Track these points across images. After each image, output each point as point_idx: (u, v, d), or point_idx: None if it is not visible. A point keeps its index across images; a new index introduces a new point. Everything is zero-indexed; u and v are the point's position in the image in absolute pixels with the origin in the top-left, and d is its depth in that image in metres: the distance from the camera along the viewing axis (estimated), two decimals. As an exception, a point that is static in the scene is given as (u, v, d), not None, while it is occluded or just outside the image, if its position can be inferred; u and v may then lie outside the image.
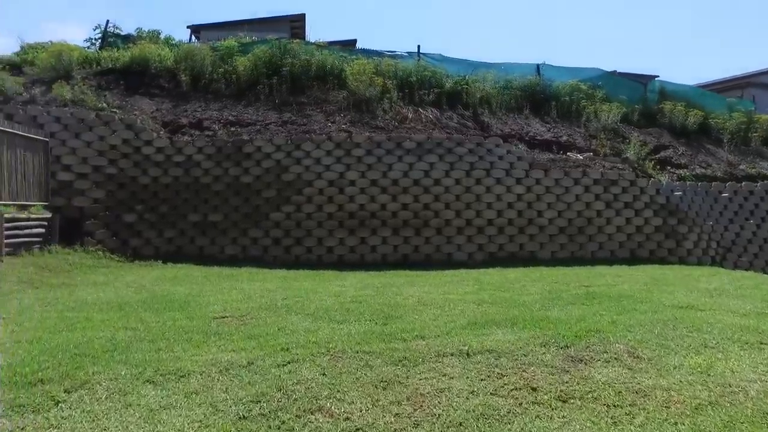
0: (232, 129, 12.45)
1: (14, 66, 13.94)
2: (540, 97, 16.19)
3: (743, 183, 14.48)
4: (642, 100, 18.02)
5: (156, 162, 11.40)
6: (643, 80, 20.21)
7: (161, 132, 11.96)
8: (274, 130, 12.51)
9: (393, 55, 16.66)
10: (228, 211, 11.36)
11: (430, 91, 14.97)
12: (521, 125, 15.16)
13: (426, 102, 14.83)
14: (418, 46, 16.87)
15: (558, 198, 12.17)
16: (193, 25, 21.10)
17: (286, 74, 14.20)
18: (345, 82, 14.67)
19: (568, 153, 14.01)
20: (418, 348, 4.47)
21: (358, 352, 4.37)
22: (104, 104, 12.00)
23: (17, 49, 15.52)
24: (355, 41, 21.43)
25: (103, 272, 8.77)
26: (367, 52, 16.64)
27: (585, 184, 12.32)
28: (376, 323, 5.47)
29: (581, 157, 13.75)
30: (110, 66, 13.96)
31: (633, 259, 12.13)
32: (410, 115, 13.88)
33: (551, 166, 12.50)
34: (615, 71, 20.13)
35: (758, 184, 14.58)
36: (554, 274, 9.62)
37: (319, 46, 15.85)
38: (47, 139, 10.12)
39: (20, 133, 9.24)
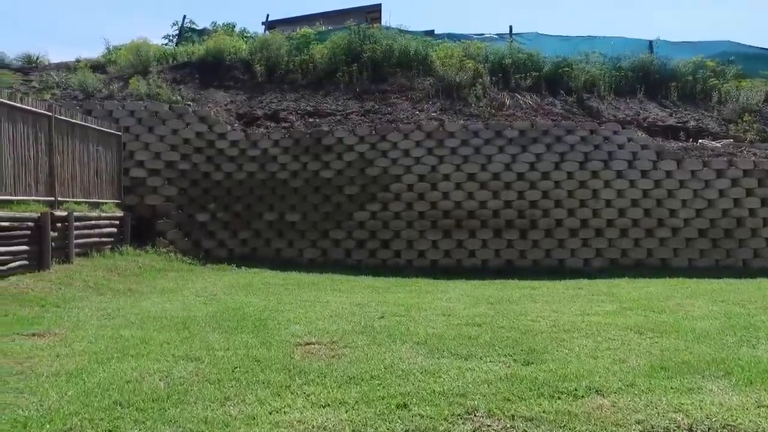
0: (310, 120, 11.36)
1: (98, 66, 13.74)
2: (655, 77, 13.86)
3: None
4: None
5: (230, 156, 10.48)
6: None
7: (235, 124, 11.06)
8: (356, 120, 11.27)
9: (481, 38, 15.02)
10: (306, 209, 10.22)
11: (527, 75, 13.18)
12: (636, 110, 12.99)
13: (522, 87, 13.07)
14: (510, 27, 15.14)
15: (696, 194, 10.00)
16: (267, 20, 20.51)
17: (367, 61, 12.97)
18: (431, 68, 13.24)
19: (699, 141, 11.71)
20: (604, 415, 2.89)
21: (513, 417, 2.87)
22: (178, 97, 11.31)
23: (104, 51, 15.40)
24: (432, 32, 19.98)
25: (173, 277, 7.83)
26: (453, 36, 15.11)
27: (732, 176, 10.04)
28: (515, 360, 3.95)
29: (718, 145, 11.40)
30: (186, 60, 13.38)
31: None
32: (507, 102, 12.18)
33: (685, 156, 10.34)
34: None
35: None
36: (709, 289, 7.61)
37: (401, 31, 14.50)
38: (120, 133, 9.45)
39: (92, 125, 8.57)
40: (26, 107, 7.03)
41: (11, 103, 6.75)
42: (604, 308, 6.13)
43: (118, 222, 8.74)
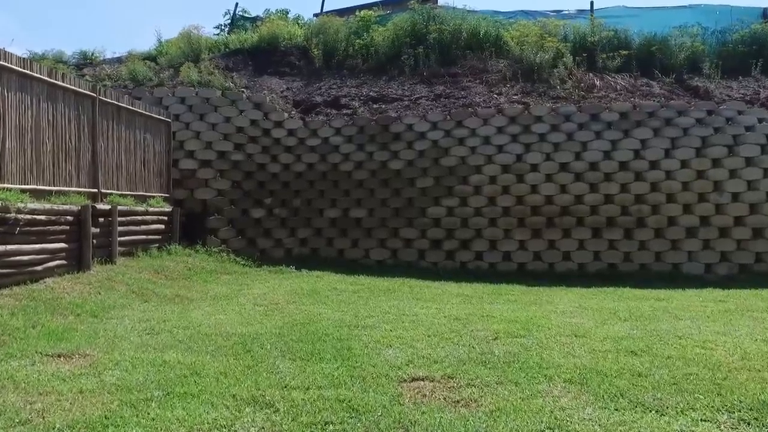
0: (375, 106, 10.18)
1: (150, 58, 13.09)
2: (773, 50, 11.84)
3: None
4: None
5: (287, 147, 9.45)
6: None
7: (293, 112, 10.03)
8: (426, 105, 10.01)
9: (559, 16, 13.45)
10: (373, 205, 9.04)
11: (615, 54, 11.53)
12: (753, 89, 11.04)
13: (610, 68, 11.42)
14: (591, 2, 13.47)
15: None
16: (322, 10, 19.59)
17: (433, 43, 11.69)
18: (504, 49, 11.82)
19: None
20: None
21: None
22: (231, 84, 10.39)
23: (156, 44, 14.83)
24: (498, 13, 18.47)
25: (226, 280, 6.80)
26: (525, 14, 13.61)
27: None
28: (744, 419, 2.57)
29: None
30: (238, 47, 12.52)
31: None
32: (597, 83, 10.60)
33: (832, 139, 8.49)
34: None
35: None
36: None
37: (468, 11, 13.15)
38: (169, 120, 8.57)
39: (140, 110, 7.70)
40: (68, 86, 6.17)
41: (51, 80, 5.89)
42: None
43: (166, 218, 7.83)
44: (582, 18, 13.16)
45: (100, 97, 6.64)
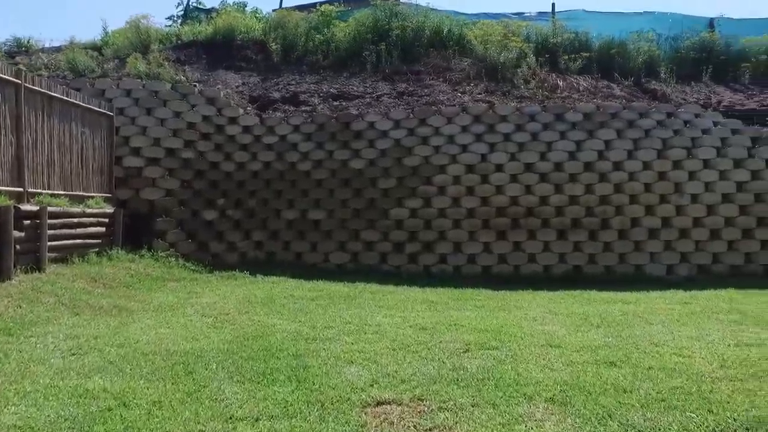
0: (335, 103, 9.78)
1: (94, 48, 12.22)
2: (721, 58, 12.19)
3: None
4: None
5: (242, 144, 8.92)
6: None
7: (248, 108, 9.51)
8: (389, 103, 9.69)
9: (520, 18, 13.45)
10: (333, 206, 8.63)
11: (576, 56, 11.58)
12: (706, 94, 11.34)
13: (572, 70, 11.46)
14: (552, 4, 13.51)
15: (801, 187, 8.33)
16: (280, 6, 18.99)
17: (396, 40, 11.41)
18: (468, 48, 11.67)
19: (788, 127, 10.04)
20: None
21: None
22: (182, 78, 9.77)
23: (101, 34, 13.88)
24: (460, 13, 18.39)
25: (173, 288, 6.24)
26: (488, 16, 13.54)
27: None
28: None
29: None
30: (192, 39, 11.85)
31: None
32: (561, 84, 10.57)
33: (784, 143, 8.67)
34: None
35: None
36: None
37: (432, 9, 12.94)
38: (112, 113, 7.89)
39: (76, 101, 7.02)
40: (-15, 71, 5.49)
41: (-33, 65, 5.21)
42: (759, 336, 4.50)
43: (107, 220, 7.18)
44: (543, 20, 13.21)
45: (27, 85, 5.95)
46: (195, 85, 9.42)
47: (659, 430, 2.45)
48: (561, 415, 2.56)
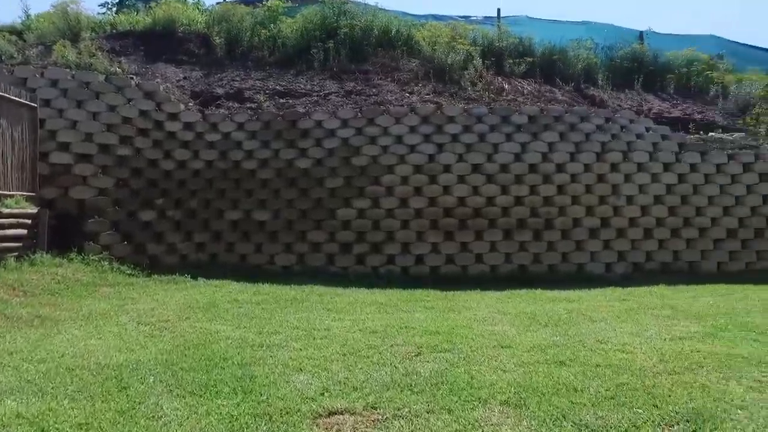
0: (281, 101, 9.53)
1: (14, 33, 11.29)
2: (650, 69, 12.92)
3: None
4: (772, 74, 14.64)
5: (183, 141, 8.51)
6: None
7: (190, 104, 9.09)
8: (336, 101, 9.54)
9: (467, 21, 13.64)
10: (279, 206, 8.39)
11: (521, 60, 11.89)
12: (638, 101, 11.94)
13: (516, 74, 11.75)
14: (498, 10, 13.84)
15: (722, 190, 8.91)
16: (224, 1, 18.37)
17: (344, 39, 11.27)
18: (416, 48, 11.70)
19: (710, 133, 10.74)
20: None
21: None
22: (118, 69, 9.20)
23: (23, 18, 12.85)
24: (408, 14, 18.47)
25: (106, 294, 5.82)
26: (436, 18, 13.67)
27: (760, 170, 9.02)
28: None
29: (730, 138, 10.45)
30: (128, 29, 11.21)
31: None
32: (506, 87, 10.79)
33: (709, 148, 9.24)
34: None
35: None
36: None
37: (381, 9, 12.90)
38: (35, 105, 7.28)
39: (-6, 92, 6.42)
40: None
41: None
42: (689, 329, 4.73)
43: (29, 221, 6.61)
44: (489, 24, 13.47)
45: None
46: (132, 78, 8.89)
47: (610, 427, 2.47)
48: (516, 417, 2.54)
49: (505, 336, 4.22)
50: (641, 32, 14.28)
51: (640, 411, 2.66)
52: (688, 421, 2.61)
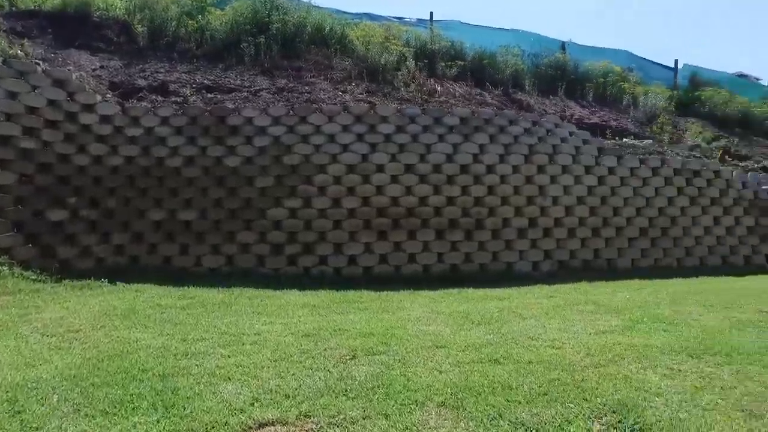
0: (209, 96, 9.11)
1: None
2: (571, 77, 13.69)
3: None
4: (674, 87, 15.98)
5: (100, 135, 7.90)
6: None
7: (108, 95, 8.46)
8: (268, 98, 9.25)
9: (401, 22, 13.75)
10: (206, 206, 7.99)
11: (452, 63, 12.16)
12: (561, 107, 12.60)
13: (448, 76, 12.01)
14: (431, 13, 14.02)
15: (635, 192, 9.53)
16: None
17: (276, 34, 10.96)
18: (350, 47, 11.64)
19: (623, 140, 11.48)
20: None
21: None
22: (20, 53, 8.38)
23: None
24: (343, 12, 18.35)
25: (4, 303, 5.24)
26: (370, 17, 13.66)
27: (665, 174, 9.74)
28: (611, 426, 2.47)
29: (641, 144, 11.23)
30: (32, 9, 10.25)
31: (732, 268, 9.65)
32: (438, 89, 10.96)
33: (624, 152, 9.85)
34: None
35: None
36: (684, 291, 6.93)
37: (314, 6, 12.70)
38: None
39: None
40: None
41: None
42: (610, 323, 4.98)
43: None
44: (422, 27, 13.65)
45: None
46: (38, 63, 8.13)
47: (545, 423, 2.50)
48: (454, 420, 2.51)
49: (439, 336, 4.22)
50: (563, 43, 15.06)
51: (571, 405, 2.72)
52: (614, 412, 2.71)
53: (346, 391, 2.88)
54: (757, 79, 18.38)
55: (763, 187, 10.68)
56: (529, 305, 5.91)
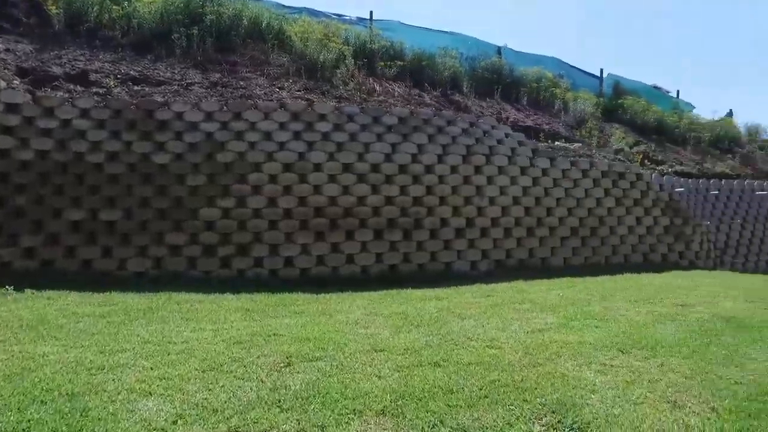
0: (136, 88, 8.55)
1: None
2: (507, 81, 14.09)
3: (723, 181, 13.41)
4: (599, 95, 16.86)
5: (6, 127, 7.19)
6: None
7: (16, 82, 7.73)
8: (200, 93, 8.81)
9: (341, 20, 13.58)
10: (132, 205, 7.48)
11: (391, 63, 12.15)
12: (497, 109, 12.90)
13: (387, 76, 11.99)
14: (371, 12, 13.95)
15: (567, 193, 9.90)
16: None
17: (210, 26, 10.48)
18: (288, 43, 11.32)
19: (555, 143, 11.93)
20: None
21: None
22: None
23: None
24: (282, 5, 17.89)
25: None
26: (309, 12, 13.39)
27: (594, 176, 10.20)
28: (551, 427, 2.47)
29: (571, 147, 11.72)
30: None
31: (651, 265, 10.24)
32: (377, 88, 10.89)
33: (556, 155, 10.21)
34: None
35: (735, 182, 13.64)
36: (612, 287, 7.24)
37: (249, -1, 12.26)
38: None
39: None
40: None
41: None
42: (546, 320, 5.09)
43: None
44: (361, 25, 13.55)
45: None
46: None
47: (486, 428, 2.46)
48: (394, 428, 2.41)
49: (378, 339, 4.12)
50: (499, 48, 15.46)
51: (512, 407, 2.70)
52: (554, 412, 2.71)
53: (279, 402, 2.70)
54: (668, 92, 19.77)
55: (677, 189, 11.45)
56: (467, 305, 5.94)
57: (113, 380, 2.97)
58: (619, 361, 3.70)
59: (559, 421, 2.62)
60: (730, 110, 20.78)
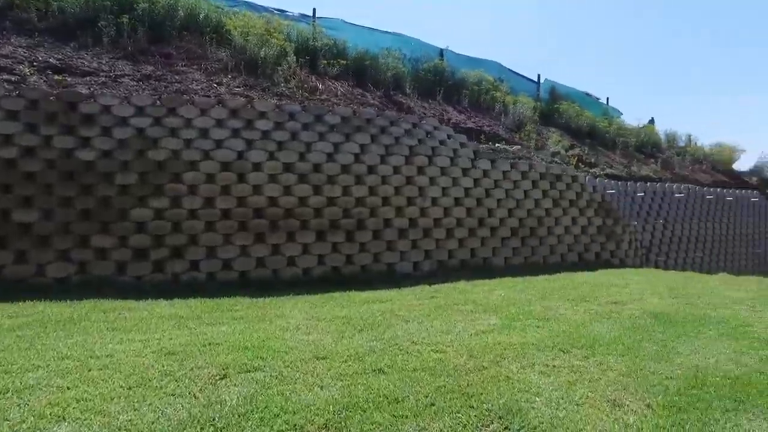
0: (57, 78, 7.91)
1: None
2: (448, 83, 14.27)
3: (648, 183, 14.22)
4: (537, 99, 17.44)
5: None
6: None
7: None
8: (130, 86, 8.28)
9: (283, 15, 13.23)
10: (52, 205, 6.90)
11: (334, 61, 11.97)
12: (440, 111, 13.01)
13: (330, 75, 11.78)
14: (314, 9, 13.65)
15: (507, 194, 10.13)
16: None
17: (143, 15, 9.91)
18: (227, 38, 10.88)
19: (496, 144, 12.19)
20: None
21: None
22: None
23: None
24: None
25: None
26: (250, 6, 12.93)
27: (533, 178, 10.50)
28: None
29: (511, 149, 12.02)
30: None
31: (586, 264, 10.66)
32: (320, 86, 10.68)
33: (497, 157, 10.42)
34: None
35: (658, 185, 14.51)
36: (550, 287, 7.43)
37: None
38: None
39: None
40: None
41: None
42: (489, 322, 5.12)
43: None
44: (304, 22, 13.25)
45: None
46: None
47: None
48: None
49: (321, 345, 3.97)
50: (442, 50, 15.62)
51: (459, 415, 2.64)
52: (500, 418, 2.68)
53: (213, 420, 2.51)
54: (598, 98, 20.80)
55: (608, 191, 12.01)
56: (411, 307, 5.89)
57: (18, 405, 2.65)
58: (560, 361, 3.75)
59: (506, 428, 2.59)
60: (652, 118, 22.19)
